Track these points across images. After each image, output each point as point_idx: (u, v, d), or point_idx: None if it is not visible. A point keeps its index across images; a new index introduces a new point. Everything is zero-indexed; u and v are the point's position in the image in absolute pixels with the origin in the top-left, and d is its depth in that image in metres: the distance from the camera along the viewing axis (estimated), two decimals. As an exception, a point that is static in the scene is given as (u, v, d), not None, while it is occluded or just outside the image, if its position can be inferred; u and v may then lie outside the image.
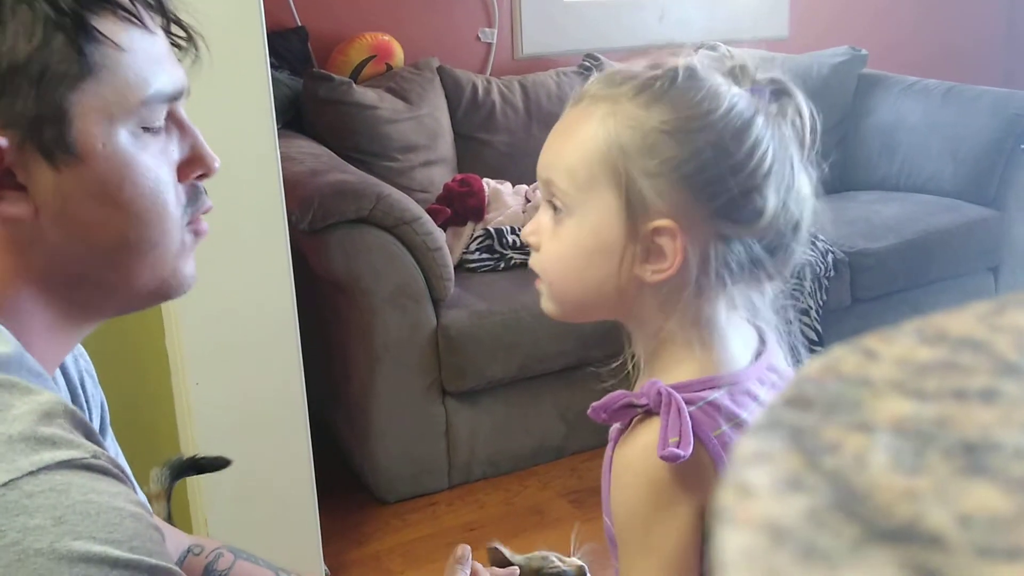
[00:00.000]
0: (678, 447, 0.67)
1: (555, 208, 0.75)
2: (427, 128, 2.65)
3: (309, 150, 2.39)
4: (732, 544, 0.12)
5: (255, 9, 1.52)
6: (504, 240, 2.42)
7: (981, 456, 0.14)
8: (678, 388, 0.71)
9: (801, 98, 0.75)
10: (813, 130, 0.75)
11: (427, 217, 2.14)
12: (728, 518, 0.13)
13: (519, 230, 2.46)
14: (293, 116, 2.61)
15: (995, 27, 3.90)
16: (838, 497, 0.13)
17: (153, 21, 0.68)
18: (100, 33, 0.63)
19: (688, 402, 0.70)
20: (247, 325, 1.63)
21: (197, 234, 0.73)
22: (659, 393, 0.71)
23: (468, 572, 1.00)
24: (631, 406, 0.73)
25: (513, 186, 2.65)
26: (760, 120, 0.71)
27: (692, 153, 0.70)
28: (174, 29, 0.70)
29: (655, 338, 0.75)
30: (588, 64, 2.97)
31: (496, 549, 1.15)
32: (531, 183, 2.67)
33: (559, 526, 2.12)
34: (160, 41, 0.68)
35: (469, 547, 1.03)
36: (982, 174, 2.90)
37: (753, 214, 0.70)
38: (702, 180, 0.70)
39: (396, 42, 2.79)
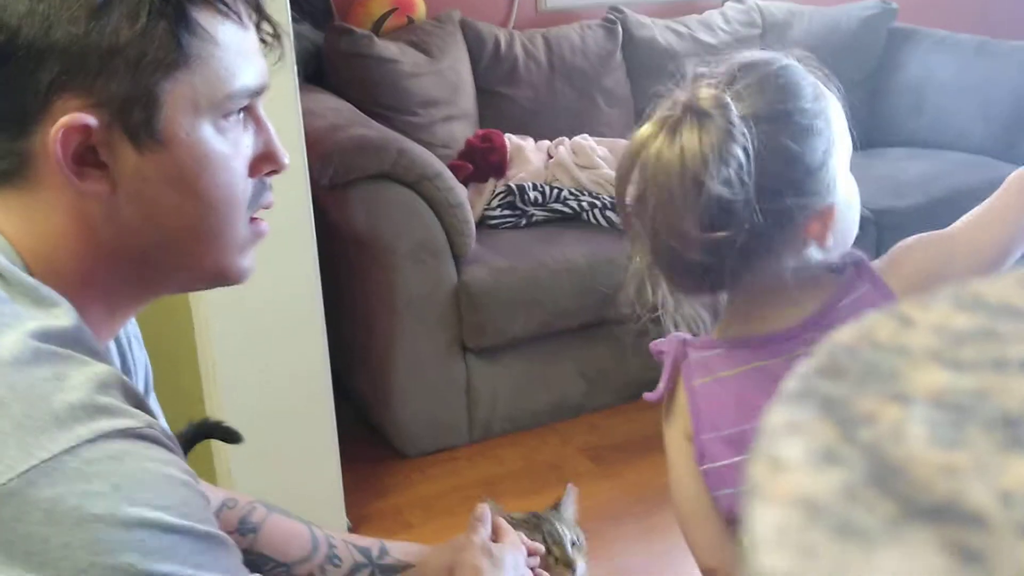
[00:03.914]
0: (657, 392, 0.89)
1: None
2: (448, 82, 2.63)
3: (330, 104, 2.38)
4: (765, 519, 0.12)
5: (276, -39, 1.51)
6: (526, 197, 2.41)
7: (1023, 430, 0.13)
8: (690, 343, 0.89)
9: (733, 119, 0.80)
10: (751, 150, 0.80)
11: (448, 173, 2.13)
12: (760, 492, 0.12)
13: (541, 186, 2.44)
14: (314, 70, 2.60)
15: (1031, -20, 3.80)
16: (874, 471, 0.13)
17: (248, 17, 0.69)
18: (199, 25, 0.65)
19: (685, 355, 0.88)
20: (270, 280, 1.64)
21: (258, 234, 0.74)
22: (667, 342, 0.90)
23: (489, 530, 1.01)
24: (660, 352, 0.91)
25: (536, 142, 2.62)
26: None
27: None
28: (263, 26, 0.71)
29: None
30: (612, 17, 2.92)
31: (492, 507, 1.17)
32: (554, 139, 2.64)
33: (578, 482, 2.13)
34: (251, 36, 0.70)
35: (487, 505, 1.04)
36: (1013, 131, 2.84)
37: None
38: None
39: (418, -5, 2.75)
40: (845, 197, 0.85)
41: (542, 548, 1.04)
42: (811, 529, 0.11)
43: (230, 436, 1.15)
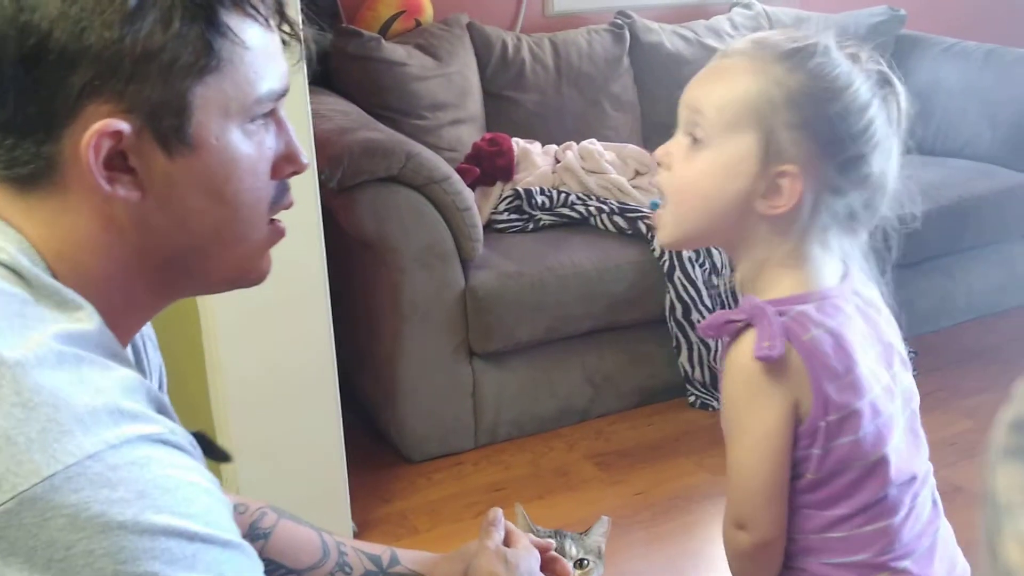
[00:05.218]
0: (770, 350, 0.84)
1: (695, 138, 0.88)
2: (456, 86, 2.62)
3: (338, 107, 2.37)
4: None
5: (288, -39, 1.49)
6: (533, 201, 2.40)
7: None
8: (772, 303, 0.87)
9: (901, 88, 0.91)
10: (908, 116, 0.91)
11: (456, 176, 2.12)
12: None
13: (548, 191, 2.42)
14: (321, 72, 2.58)
15: (1037, -12, 3.79)
16: None
17: (271, 19, 0.69)
18: (229, 28, 0.64)
19: (780, 314, 0.86)
20: (277, 282, 1.61)
21: (277, 234, 0.74)
22: (754, 307, 0.87)
23: (502, 534, 1.00)
24: (730, 322, 0.88)
25: (543, 146, 2.61)
26: (876, 102, 0.88)
27: (826, 116, 0.85)
28: (283, 27, 0.71)
29: (758, 263, 0.90)
30: (620, 22, 2.91)
31: (521, 515, 1.16)
32: (561, 143, 2.63)
33: (584, 488, 2.13)
34: (275, 39, 0.69)
35: (501, 510, 1.03)
36: (1020, 139, 2.83)
37: (862, 175, 0.87)
38: (830, 139, 0.86)
39: (425, -3, 2.74)
40: None
41: (552, 543, 1.03)
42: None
43: (218, 455, 1.11)
